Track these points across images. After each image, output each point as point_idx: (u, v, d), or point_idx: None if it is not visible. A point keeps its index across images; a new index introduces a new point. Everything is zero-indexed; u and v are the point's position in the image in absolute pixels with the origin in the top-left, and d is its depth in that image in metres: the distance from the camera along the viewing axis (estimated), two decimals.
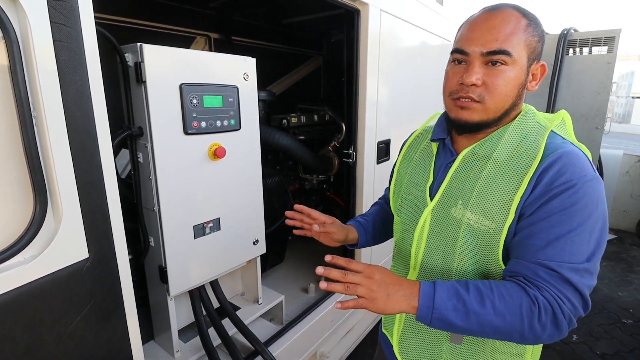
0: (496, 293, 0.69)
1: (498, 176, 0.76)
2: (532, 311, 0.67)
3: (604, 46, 3.43)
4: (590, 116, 3.55)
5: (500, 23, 0.72)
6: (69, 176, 0.76)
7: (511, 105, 0.76)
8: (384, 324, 1.09)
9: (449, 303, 0.69)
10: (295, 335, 1.71)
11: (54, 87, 0.72)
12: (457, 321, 0.69)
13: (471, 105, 0.75)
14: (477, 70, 0.73)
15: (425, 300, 0.69)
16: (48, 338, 0.78)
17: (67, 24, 0.73)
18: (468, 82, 0.73)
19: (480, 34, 0.73)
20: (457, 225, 0.80)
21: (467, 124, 0.77)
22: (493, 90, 0.73)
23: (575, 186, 0.67)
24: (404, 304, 0.70)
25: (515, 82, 0.74)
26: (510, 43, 0.71)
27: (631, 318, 2.92)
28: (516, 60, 0.72)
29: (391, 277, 0.72)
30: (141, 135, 1.22)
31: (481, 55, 0.73)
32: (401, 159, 1.05)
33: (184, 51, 1.23)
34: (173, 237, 1.30)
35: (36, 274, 0.74)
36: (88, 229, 0.81)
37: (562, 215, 0.68)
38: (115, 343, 0.91)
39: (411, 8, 2.14)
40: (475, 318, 0.68)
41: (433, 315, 0.69)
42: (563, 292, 0.67)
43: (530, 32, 0.74)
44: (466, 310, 0.68)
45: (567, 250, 0.67)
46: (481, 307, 0.68)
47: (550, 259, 0.68)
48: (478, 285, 0.71)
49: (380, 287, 0.70)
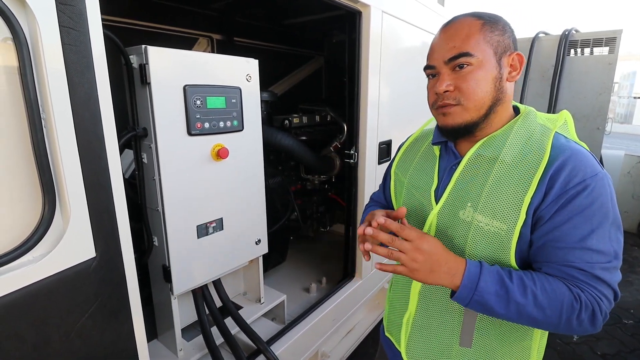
0: (539, 286, 0.71)
1: (506, 177, 0.77)
2: (573, 308, 0.70)
3: (605, 47, 3.43)
4: (592, 117, 3.55)
5: (455, 32, 0.77)
6: (77, 176, 0.78)
7: (493, 100, 0.78)
8: (386, 327, 1.09)
9: (492, 288, 0.71)
10: (296, 335, 1.72)
11: (63, 89, 0.74)
12: (497, 307, 0.72)
13: (450, 110, 0.79)
14: (446, 78, 0.78)
15: (468, 281, 0.72)
16: (55, 336, 0.79)
17: (75, 28, 0.74)
18: (440, 91, 0.78)
19: (439, 46, 0.79)
20: (466, 228, 0.81)
21: (454, 128, 0.80)
22: (466, 91, 0.76)
23: (589, 186, 0.70)
24: (445, 280, 0.74)
25: (486, 78, 0.76)
26: (469, 45, 0.75)
27: (632, 318, 2.93)
28: (480, 58, 0.75)
29: (439, 252, 0.74)
30: (145, 136, 1.23)
31: (445, 64, 0.78)
32: (398, 162, 1.05)
33: (188, 53, 1.25)
34: (176, 236, 1.31)
35: (44, 273, 0.75)
36: (95, 228, 0.82)
37: (583, 216, 0.70)
38: (120, 342, 0.92)
39: (412, 9, 2.15)
40: (515, 307, 0.71)
41: (473, 297, 0.72)
42: (600, 291, 0.70)
43: (487, 30, 0.77)
44: (508, 298, 0.71)
45: (595, 249, 0.70)
46: (523, 297, 0.70)
47: (582, 261, 0.71)
48: (521, 275, 0.73)
49: (426, 260, 0.73)
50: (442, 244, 0.77)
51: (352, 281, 2.14)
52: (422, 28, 2.27)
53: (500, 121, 0.82)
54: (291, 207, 2.17)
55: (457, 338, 0.87)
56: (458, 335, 0.87)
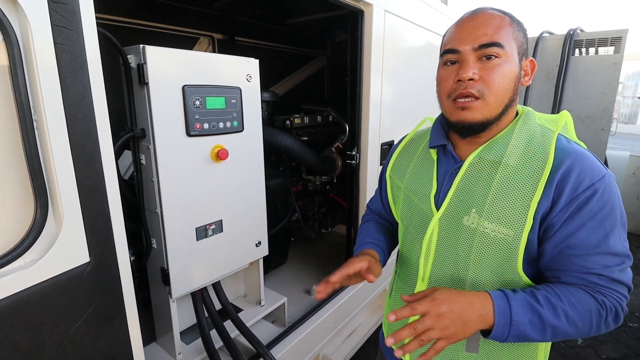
0: (566, 302, 0.70)
1: (511, 182, 0.74)
2: (600, 315, 0.71)
3: (610, 46, 3.39)
4: (597, 117, 3.51)
5: (486, 20, 0.74)
6: (70, 180, 0.76)
7: (510, 99, 0.76)
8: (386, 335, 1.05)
9: (526, 318, 0.69)
10: (297, 338, 1.70)
11: (55, 90, 0.72)
12: (534, 335, 0.70)
13: (471, 104, 0.74)
14: (473, 65, 0.73)
15: (501, 318, 0.69)
16: (48, 342, 0.77)
17: (68, 27, 0.72)
18: (465, 77, 0.72)
19: (468, 32, 0.74)
20: (471, 235, 0.78)
21: (471, 124, 0.75)
22: (491, 84, 0.72)
23: (599, 190, 0.69)
24: (480, 325, 0.70)
25: (511, 75, 0.74)
26: (500, 36, 0.72)
27: (637, 322, 2.89)
28: (508, 53, 0.73)
29: (458, 300, 0.68)
30: (144, 137, 1.22)
31: (473, 50, 0.73)
32: (392, 165, 1.01)
33: (187, 52, 1.23)
34: (175, 239, 1.29)
35: (37, 279, 0.73)
36: (89, 232, 0.80)
37: (595, 221, 0.70)
38: (116, 347, 0.90)
39: (415, 8, 2.12)
40: (550, 330, 0.70)
41: (511, 332, 0.69)
42: (619, 292, 0.72)
43: (515, 28, 0.75)
44: (542, 323, 0.69)
45: (611, 253, 0.71)
46: (556, 319, 0.69)
47: (599, 266, 0.71)
48: (547, 295, 0.71)
49: (454, 320, 0.67)
50: (454, 290, 0.72)
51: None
52: (425, 27, 2.25)
53: (505, 123, 0.79)
54: (292, 208, 2.15)
55: (463, 344, 0.84)
56: (464, 341, 0.84)
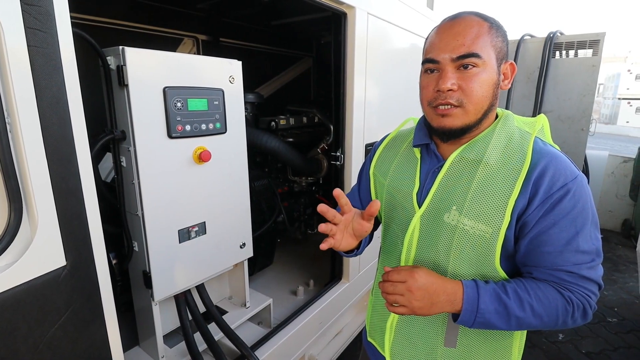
0: (533, 296, 0.74)
1: (491, 180, 0.77)
2: (567, 310, 0.74)
3: (589, 49, 3.49)
4: (576, 118, 3.61)
5: (465, 28, 0.75)
6: (45, 183, 0.75)
7: (489, 105, 0.78)
8: (369, 332, 1.08)
9: (492, 307, 0.74)
10: (283, 339, 1.70)
11: (29, 93, 0.71)
12: (499, 323, 0.75)
13: (451, 111, 0.76)
14: (451, 76, 0.75)
15: (469, 305, 0.75)
16: (23, 348, 0.76)
17: (42, 29, 0.71)
18: (444, 88, 0.75)
19: (447, 41, 0.75)
20: (451, 231, 0.81)
21: (451, 130, 0.79)
22: (470, 93, 0.75)
23: (571, 189, 0.72)
24: (447, 308, 0.76)
25: (489, 82, 0.76)
26: (478, 45, 0.74)
27: (616, 317, 2.98)
28: (486, 61, 0.74)
29: (434, 281, 0.76)
30: (124, 139, 1.20)
31: (452, 61, 0.75)
32: (375, 162, 1.03)
33: (168, 54, 1.22)
34: (157, 241, 1.29)
35: (11, 283, 0.72)
36: (65, 236, 0.79)
37: (567, 219, 0.73)
38: (94, 351, 0.89)
39: (399, 12, 2.14)
40: (515, 321, 0.75)
41: (476, 319, 0.75)
42: (588, 289, 0.75)
43: (493, 34, 0.76)
44: (507, 314, 0.74)
45: (580, 251, 0.74)
46: (521, 310, 0.74)
47: (568, 263, 0.74)
48: (515, 287, 0.76)
49: (424, 296, 0.75)
50: (433, 272, 0.78)
51: (340, 284, 2.13)
52: (410, 31, 2.27)
53: (486, 125, 0.82)
54: (278, 209, 2.15)
55: (442, 339, 0.87)
56: (443, 336, 0.87)
